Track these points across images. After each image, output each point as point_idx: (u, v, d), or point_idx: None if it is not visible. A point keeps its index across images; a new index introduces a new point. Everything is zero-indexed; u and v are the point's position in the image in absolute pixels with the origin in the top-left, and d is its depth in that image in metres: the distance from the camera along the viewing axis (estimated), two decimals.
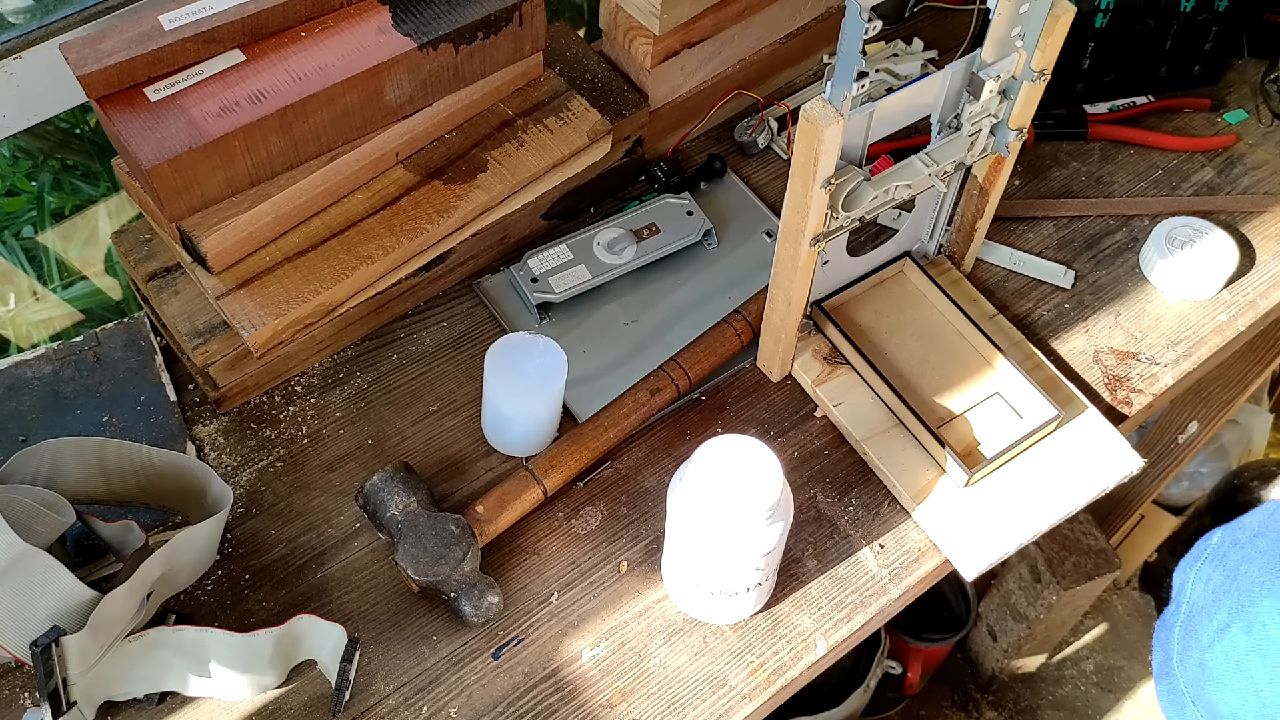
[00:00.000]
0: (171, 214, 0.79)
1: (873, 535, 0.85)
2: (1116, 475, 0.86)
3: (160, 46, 0.77)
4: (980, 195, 0.90)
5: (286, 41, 0.81)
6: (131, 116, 0.76)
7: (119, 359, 0.89)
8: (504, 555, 0.83)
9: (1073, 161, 1.07)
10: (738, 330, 0.91)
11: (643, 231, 0.97)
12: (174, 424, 0.87)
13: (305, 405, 0.90)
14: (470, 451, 0.89)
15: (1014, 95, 0.80)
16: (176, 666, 0.74)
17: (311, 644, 0.77)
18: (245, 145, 0.77)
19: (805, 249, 0.78)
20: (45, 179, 0.96)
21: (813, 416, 0.91)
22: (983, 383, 0.90)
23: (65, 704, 0.69)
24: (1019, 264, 0.99)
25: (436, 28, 0.82)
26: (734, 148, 1.06)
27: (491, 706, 0.78)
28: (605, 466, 0.88)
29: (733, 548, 0.73)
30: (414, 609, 0.81)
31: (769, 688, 0.79)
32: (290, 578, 0.82)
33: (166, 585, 0.77)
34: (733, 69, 1.03)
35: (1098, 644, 1.85)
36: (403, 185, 0.87)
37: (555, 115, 0.91)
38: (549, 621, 0.81)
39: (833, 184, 0.74)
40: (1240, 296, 0.99)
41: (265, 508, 0.85)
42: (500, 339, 0.85)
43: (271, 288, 0.81)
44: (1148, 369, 0.94)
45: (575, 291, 0.94)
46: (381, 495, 0.80)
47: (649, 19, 0.92)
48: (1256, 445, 1.79)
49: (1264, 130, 1.09)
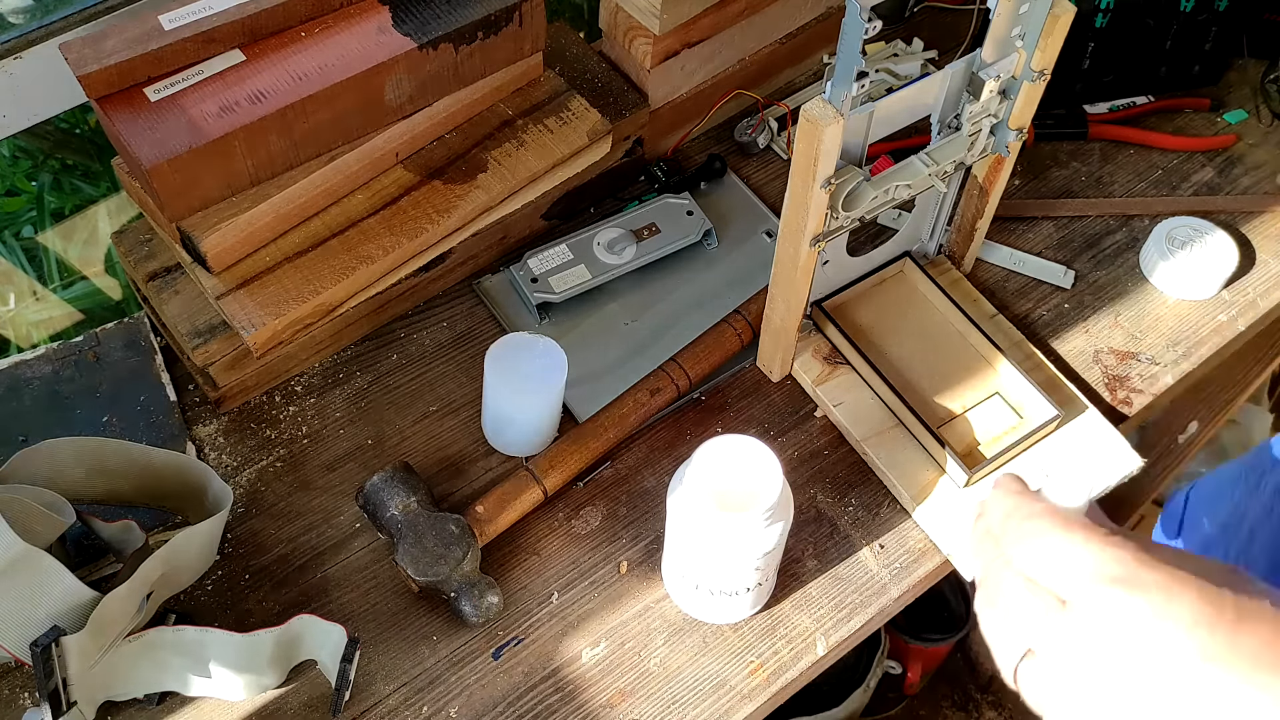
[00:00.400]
0: (171, 214, 0.79)
1: (873, 535, 0.85)
2: (1116, 475, 0.86)
3: (160, 46, 0.77)
4: (980, 195, 0.90)
5: (286, 41, 0.81)
6: (131, 116, 0.76)
7: (119, 359, 0.89)
8: (504, 555, 0.83)
9: (1073, 161, 1.07)
10: (738, 330, 0.91)
11: (643, 231, 0.97)
12: (174, 424, 0.87)
13: (305, 405, 0.90)
14: (470, 451, 0.89)
15: (1014, 95, 0.80)
16: (176, 666, 0.74)
17: (311, 644, 0.77)
18: (245, 145, 0.77)
19: (805, 249, 0.78)
20: (45, 179, 0.96)
21: (813, 416, 0.91)
22: (983, 383, 0.90)
23: (65, 704, 0.69)
24: (1019, 264, 0.99)
25: (436, 28, 0.82)
26: (734, 148, 1.06)
27: (491, 706, 0.78)
28: (605, 466, 0.88)
29: (732, 548, 0.73)
30: (414, 609, 0.81)
31: (769, 688, 0.79)
32: (290, 578, 0.82)
33: (166, 585, 0.77)
34: (733, 69, 1.03)
35: None
36: (403, 185, 0.87)
37: (555, 115, 0.91)
38: (549, 621, 0.81)
39: (833, 184, 0.74)
40: (1240, 296, 0.99)
41: (265, 508, 0.85)
42: (500, 339, 0.85)
43: (271, 288, 0.81)
44: (1148, 369, 0.94)
45: (575, 291, 0.94)
46: (381, 495, 0.80)
47: (649, 19, 0.92)
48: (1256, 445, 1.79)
49: (1264, 130, 1.09)
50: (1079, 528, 0.49)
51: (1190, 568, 0.47)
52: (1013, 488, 0.53)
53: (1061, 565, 0.49)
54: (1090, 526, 0.49)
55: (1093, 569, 0.48)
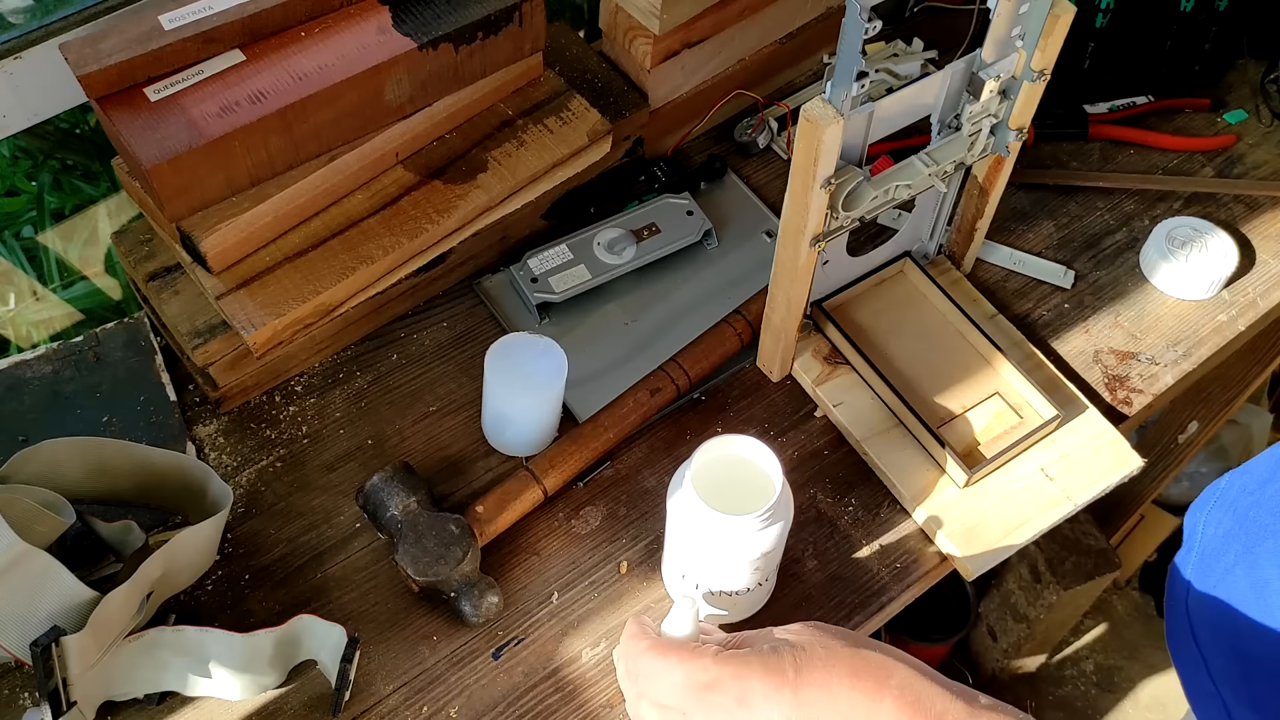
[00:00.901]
0: (171, 214, 0.79)
1: (873, 535, 0.85)
2: (1116, 475, 0.86)
3: (160, 46, 0.77)
4: (980, 195, 0.90)
5: (286, 41, 0.81)
6: (131, 116, 0.76)
7: (119, 359, 0.89)
8: (504, 555, 0.83)
9: (1073, 161, 1.07)
10: (738, 330, 0.91)
11: (643, 231, 0.97)
12: (174, 424, 0.87)
13: (305, 405, 0.90)
14: (470, 451, 0.89)
15: (1014, 95, 0.80)
16: (176, 666, 0.74)
17: (311, 644, 0.77)
18: (245, 145, 0.77)
19: (805, 249, 0.78)
20: (45, 179, 0.96)
21: (813, 416, 0.91)
22: (983, 383, 0.90)
23: (65, 704, 0.69)
24: (1019, 264, 0.99)
25: (436, 28, 0.82)
26: (734, 148, 1.06)
27: (491, 706, 0.78)
28: (605, 466, 0.88)
29: (732, 548, 0.73)
30: (414, 609, 0.81)
31: None
32: (290, 578, 0.82)
33: (166, 585, 0.77)
34: (733, 69, 1.03)
35: (1098, 644, 1.85)
36: (403, 185, 0.87)
37: (555, 115, 0.91)
38: (549, 621, 0.81)
39: (833, 184, 0.74)
40: (1240, 296, 0.99)
41: (265, 508, 0.85)
42: (500, 339, 0.85)
43: (271, 288, 0.81)
44: (1148, 369, 0.94)
45: (575, 291, 0.94)
46: (381, 495, 0.80)
47: (649, 19, 0.92)
48: (1256, 445, 1.79)
49: (1264, 130, 1.10)
50: (674, 652, 0.62)
51: (757, 658, 0.60)
52: (631, 631, 0.65)
53: (668, 685, 0.62)
54: (683, 649, 0.62)
55: (686, 682, 0.61)
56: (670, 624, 0.65)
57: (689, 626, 0.64)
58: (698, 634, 0.65)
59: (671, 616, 0.65)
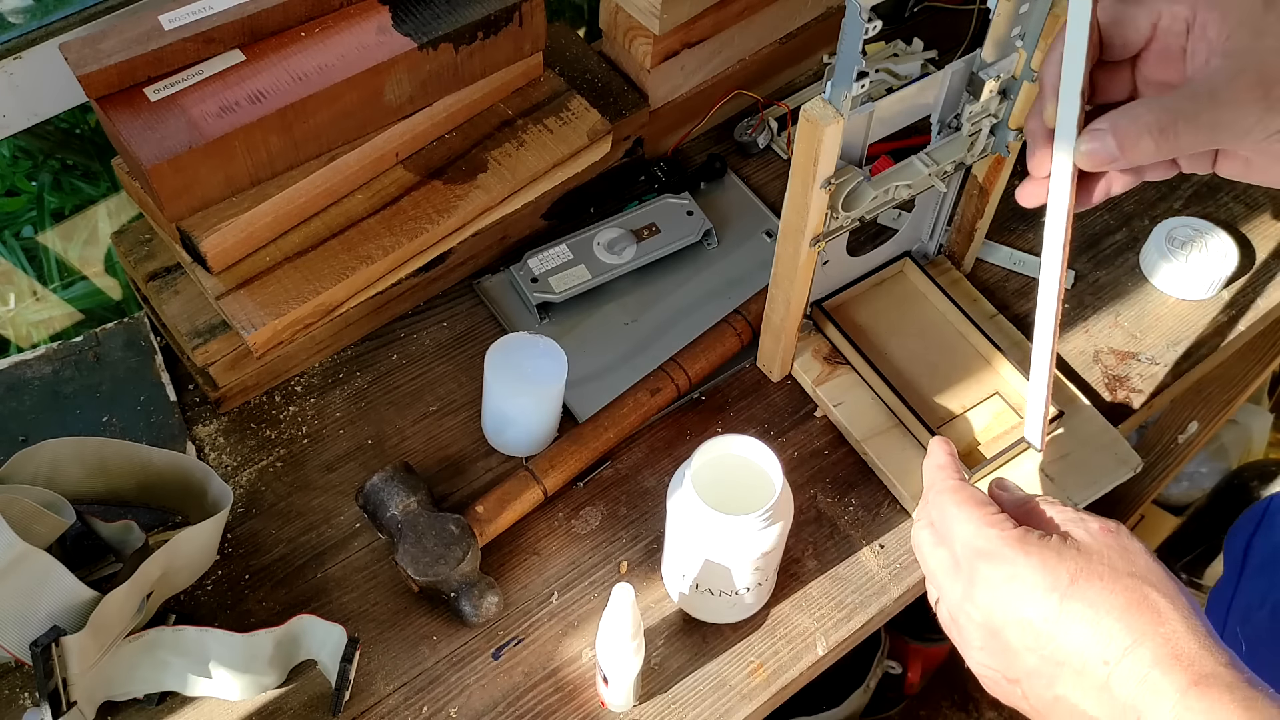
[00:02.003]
0: (171, 214, 0.79)
1: (873, 535, 0.85)
2: (1116, 475, 0.86)
3: (160, 46, 0.77)
4: (980, 195, 0.90)
5: (286, 41, 0.81)
6: (131, 116, 0.76)
7: (119, 359, 0.89)
8: (504, 555, 0.83)
9: None
10: (737, 330, 0.91)
11: (643, 231, 0.97)
12: (174, 424, 0.87)
13: (305, 405, 0.90)
14: (470, 451, 0.89)
15: (1014, 95, 0.80)
16: (176, 666, 0.74)
17: (311, 644, 0.77)
18: (245, 145, 0.77)
19: (805, 249, 0.78)
20: (45, 179, 0.96)
21: (813, 416, 0.91)
22: (983, 383, 0.90)
23: (65, 704, 0.69)
24: (1019, 264, 0.99)
25: (436, 28, 0.82)
26: (734, 148, 1.06)
27: (491, 706, 0.78)
28: (605, 466, 0.88)
29: (732, 548, 0.73)
30: (414, 609, 0.81)
31: (769, 688, 0.79)
32: (290, 578, 0.82)
33: (166, 585, 0.77)
34: (733, 69, 1.03)
35: None
36: (403, 185, 0.87)
37: (555, 115, 0.91)
38: (549, 621, 0.81)
39: (833, 184, 0.74)
40: (1240, 296, 0.99)
41: (265, 508, 0.85)
42: (500, 339, 0.85)
43: (271, 288, 0.81)
44: (1148, 369, 0.94)
45: (575, 291, 0.94)
46: (381, 495, 0.80)
47: (649, 19, 0.92)
48: (1256, 445, 1.79)
49: None
50: (970, 504, 0.62)
51: (1048, 547, 0.59)
52: (939, 461, 0.67)
53: (950, 534, 0.63)
54: (983, 503, 0.62)
55: (968, 540, 0.61)
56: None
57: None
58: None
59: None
